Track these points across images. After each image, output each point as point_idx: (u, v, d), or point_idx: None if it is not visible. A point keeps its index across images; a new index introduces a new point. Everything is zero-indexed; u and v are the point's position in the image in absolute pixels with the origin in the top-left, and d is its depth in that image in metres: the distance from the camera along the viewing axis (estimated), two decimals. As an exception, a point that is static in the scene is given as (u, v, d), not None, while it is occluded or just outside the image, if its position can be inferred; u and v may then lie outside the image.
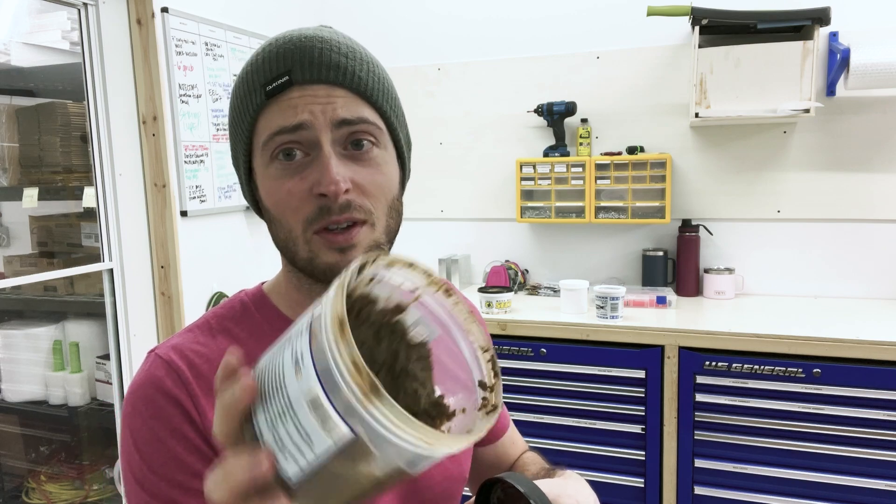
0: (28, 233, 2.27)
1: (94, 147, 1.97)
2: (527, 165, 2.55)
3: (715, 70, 2.23)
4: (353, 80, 0.66)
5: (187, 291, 2.10)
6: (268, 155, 0.66)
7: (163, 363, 0.67)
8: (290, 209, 0.65)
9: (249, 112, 0.66)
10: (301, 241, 0.66)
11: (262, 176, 0.67)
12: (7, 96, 2.13)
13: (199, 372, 0.66)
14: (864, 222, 2.34)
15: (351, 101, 0.65)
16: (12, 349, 2.19)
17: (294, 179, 0.64)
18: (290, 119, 0.64)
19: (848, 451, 1.86)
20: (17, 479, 2.25)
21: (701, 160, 2.48)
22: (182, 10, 2.09)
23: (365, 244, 0.66)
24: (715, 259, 2.50)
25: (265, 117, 0.65)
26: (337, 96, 0.65)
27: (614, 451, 2.09)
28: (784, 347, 1.89)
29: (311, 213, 0.64)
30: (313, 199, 0.64)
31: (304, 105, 0.64)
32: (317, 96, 0.64)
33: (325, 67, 0.65)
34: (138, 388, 0.67)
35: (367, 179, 0.66)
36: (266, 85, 0.65)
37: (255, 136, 0.67)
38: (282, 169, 0.65)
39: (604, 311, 2.11)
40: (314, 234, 0.65)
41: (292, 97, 0.64)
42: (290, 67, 0.64)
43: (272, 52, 0.66)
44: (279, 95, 0.64)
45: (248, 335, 0.70)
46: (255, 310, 0.73)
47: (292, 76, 0.64)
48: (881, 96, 2.26)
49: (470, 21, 2.71)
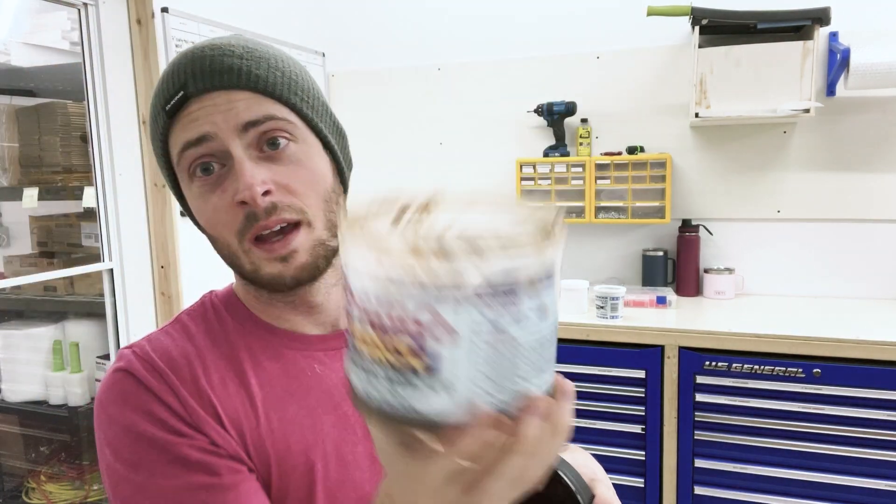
0: (28, 233, 2.27)
1: (94, 147, 1.97)
2: (527, 165, 2.55)
3: (715, 70, 2.23)
4: (249, 79, 0.63)
5: (187, 291, 2.10)
6: (185, 174, 0.64)
7: (137, 357, 0.64)
8: (221, 224, 0.63)
9: (158, 136, 0.65)
10: (241, 254, 0.64)
11: (189, 196, 0.66)
12: (7, 96, 2.14)
13: (176, 365, 0.63)
14: (864, 222, 2.34)
15: (253, 101, 0.63)
16: (12, 349, 2.19)
17: (216, 193, 0.62)
18: (191, 133, 0.62)
19: (848, 451, 1.86)
20: (17, 479, 2.25)
21: (701, 160, 2.48)
22: (182, 10, 2.09)
23: (307, 246, 0.64)
24: (715, 259, 2.50)
25: (172, 137, 0.64)
26: (237, 100, 0.62)
27: (614, 451, 2.09)
28: (784, 347, 1.89)
29: (240, 224, 0.62)
30: (238, 209, 0.62)
31: (204, 116, 0.62)
32: (216, 104, 0.62)
33: (219, 73, 0.62)
34: (116, 381, 0.63)
35: (291, 177, 0.63)
36: (165, 105, 0.63)
37: (170, 159, 0.65)
38: (202, 185, 0.63)
39: (604, 311, 2.11)
40: (251, 244, 0.63)
41: (191, 111, 0.62)
42: (184, 81, 0.62)
43: (167, 71, 0.65)
44: (179, 113, 0.63)
45: (224, 335, 0.68)
46: (227, 312, 0.70)
47: (186, 90, 0.62)
48: (881, 96, 2.26)
49: (470, 21, 2.71)
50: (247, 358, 0.67)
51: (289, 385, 0.67)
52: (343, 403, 0.68)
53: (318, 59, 2.86)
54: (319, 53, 2.86)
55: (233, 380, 0.65)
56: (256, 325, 0.69)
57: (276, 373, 0.67)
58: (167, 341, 0.66)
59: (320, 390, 0.68)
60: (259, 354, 0.67)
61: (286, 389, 0.66)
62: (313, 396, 0.67)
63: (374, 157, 2.89)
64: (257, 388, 0.65)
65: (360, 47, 2.87)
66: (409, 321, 0.33)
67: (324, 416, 0.67)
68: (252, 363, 0.66)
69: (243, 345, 0.68)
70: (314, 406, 0.67)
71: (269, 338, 0.69)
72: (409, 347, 0.34)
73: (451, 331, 0.32)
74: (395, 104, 2.84)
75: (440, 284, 0.32)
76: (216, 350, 0.66)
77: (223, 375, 0.64)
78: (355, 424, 0.68)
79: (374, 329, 0.35)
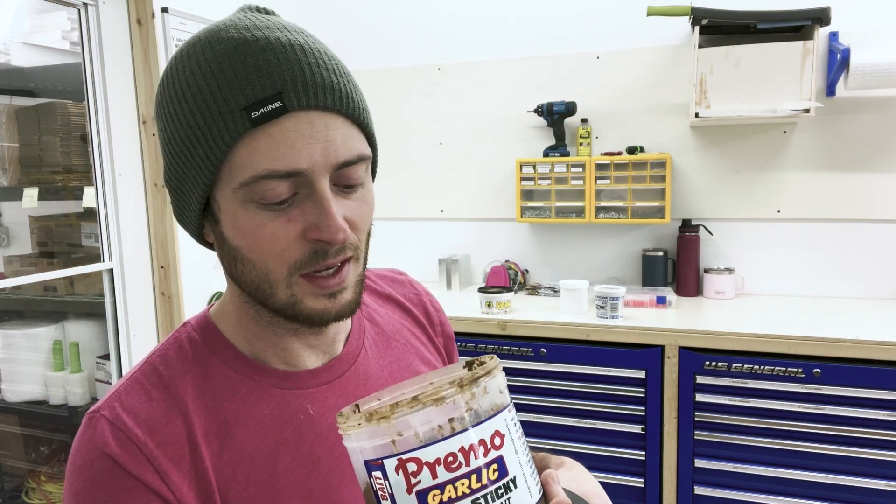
0: (28, 233, 2.26)
1: (94, 147, 1.97)
2: (527, 165, 2.55)
3: (715, 70, 2.23)
4: (349, 104, 0.56)
5: (187, 291, 2.10)
6: (249, 198, 0.55)
7: (110, 427, 0.56)
8: (274, 253, 0.56)
9: (223, 139, 0.53)
10: (282, 285, 0.57)
11: (235, 213, 0.56)
12: (7, 96, 2.13)
13: (154, 427, 0.57)
14: (864, 222, 2.34)
15: (348, 132, 0.56)
16: (12, 349, 2.19)
17: (279, 221, 0.55)
18: (282, 162, 0.53)
19: (848, 451, 1.86)
20: (17, 479, 2.25)
21: (701, 160, 2.48)
22: (182, 10, 2.09)
23: (353, 282, 0.60)
24: (715, 259, 2.50)
25: (247, 149, 0.53)
26: (335, 128, 0.55)
27: (614, 451, 2.09)
28: (784, 347, 1.89)
29: (302, 258, 0.56)
30: (305, 243, 0.56)
31: (303, 146, 0.53)
32: (315, 129, 0.53)
33: (321, 90, 0.54)
34: (87, 463, 0.55)
35: (358, 214, 0.59)
36: (251, 109, 0.52)
37: (225, 168, 0.54)
38: (262, 209, 0.55)
39: (604, 311, 2.11)
40: (301, 277, 0.57)
41: (285, 129, 0.53)
42: (281, 89, 0.52)
43: (249, 61, 0.53)
44: (267, 124, 0.52)
45: (205, 380, 0.62)
46: (208, 350, 0.64)
47: (285, 100, 0.52)
48: (881, 96, 2.26)
49: (470, 21, 2.71)
50: (233, 408, 0.61)
51: (281, 433, 0.62)
52: (338, 444, 0.64)
53: (318, 59, 2.86)
54: (319, 53, 2.86)
55: (217, 435, 0.60)
56: (243, 363, 0.64)
57: (266, 420, 0.62)
58: (141, 397, 0.59)
59: (315, 434, 0.64)
60: (247, 399, 0.62)
61: (278, 439, 0.62)
62: (308, 442, 0.63)
63: (374, 157, 2.89)
64: (245, 440, 0.60)
65: (360, 47, 2.87)
66: None
67: (320, 462, 0.63)
68: (239, 413, 0.61)
69: (229, 389, 0.62)
70: (309, 453, 0.63)
71: (258, 377, 0.63)
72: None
73: (501, 437, 0.44)
74: (395, 104, 2.84)
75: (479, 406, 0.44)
76: (198, 400, 0.60)
77: (207, 430, 0.59)
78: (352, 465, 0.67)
79: None
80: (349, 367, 0.69)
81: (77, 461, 0.56)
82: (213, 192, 0.57)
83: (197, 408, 0.60)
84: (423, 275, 2.82)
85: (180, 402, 0.59)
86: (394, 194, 2.90)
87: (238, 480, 0.59)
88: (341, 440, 0.65)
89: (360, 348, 0.72)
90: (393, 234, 2.92)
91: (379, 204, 3.12)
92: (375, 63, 2.86)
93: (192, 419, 0.59)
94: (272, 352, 0.65)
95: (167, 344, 0.64)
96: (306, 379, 0.66)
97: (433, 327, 0.84)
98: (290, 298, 0.58)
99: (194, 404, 0.60)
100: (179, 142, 0.56)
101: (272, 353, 0.65)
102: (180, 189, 0.59)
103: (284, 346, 0.65)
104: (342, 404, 0.66)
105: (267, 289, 0.58)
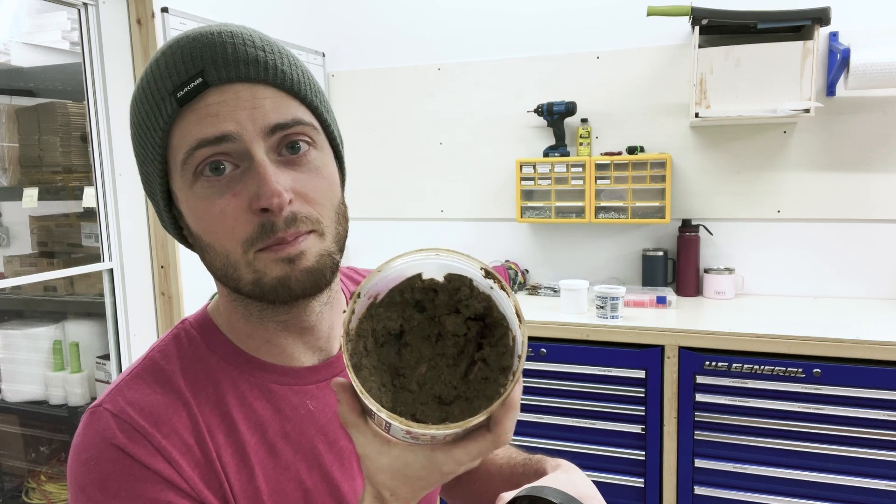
0: (28, 233, 2.26)
1: (94, 147, 1.97)
2: (527, 165, 2.55)
3: (715, 70, 2.23)
4: (276, 74, 0.57)
5: (187, 291, 2.10)
6: (190, 173, 0.56)
7: (115, 419, 0.56)
8: (226, 230, 0.56)
9: (160, 125, 0.56)
10: (242, 265, 0.57)
11: (187, 198, 0.58)
12: (7, 96, 2.13)
13: (159, 419, 0.57)
14: (864, 222, 2.34)
15: (280, 100, 0.57)
16: (12, 349, 2.19)
17: (226, 197, 0.56)
18: (210, 129, 0.55)
19: (848, 451, 1.86)
20: (17, 479, 2.25)
21: (701, 160, 2.48)
22: (182, 10, 2.09)
23: (315, 252, 0.59)
24: (715, 259, 2.50)
25: (180, 129, 0.56)
26: (263, 97, 0.56)
27: (614, 451, 2.09)
28: (784, 347, 1.89)
29: (251, 233, 0.56)
30: (252, 215, 0.56)
31: (226, 112, 0.55)
32: (240, 99, 0.55)
33: (244, 64, 0.56)
34: (95, 456, 0.55)
35: (309, 186, 0.58)
36: (176, 90, 0.55)
37: (170, 154, 0.57)
38: (209, 186, 0.56)
39: (604, 311, 2.11)
40: (257, 253, 0.57)
41: (210, 103, 0.55)
42: (203, 67, 0.55)
43: (172, 52, 0.56)
44: (193, 102, 0.55)
45: (205, 376, 0.62)
46: (207, 347, 0.64)
47: (206, 76, 0.55)
48: (881, 96, 2.26)
49: (470, 21, 2.71)
50: (234, 401, 0.61)
51: (282, 427, 0.62)
52: (339, 439, 0.65)
53: (318, 59, 2.86)
54: (319, 53, 2.86)
55: (221, 428, 0.60)
56: (242, 359, 0.64)
57: (267, 414, 0.62)
58: (144, 390, 0.59)
59: (315, 428, 0.64)
60: (248, 394, 0.62)
61: (280, 432, 0.62)
62: (308, 437, 0.64)
63: (373, 157, 2.89)
64: (248, 434, 0.61)
65: (360, 47, 2.87)
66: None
67: (321, 457, 0.64)
68: (241, 406, 0.61)
69: (230, 385, 0.62)
70: (310, 447, 0.63)
71: (258, 374, 0.63)
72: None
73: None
74: (395, 104, 2.84)
75: None
76: (200, 394, 0.60)
77: (210, 423, 0.59)
78: (352, 458, 0.66)
79: None
80: None
81: (82, 455, 0.55)
82: (170, 186, 0.60)
83: (199, 402, 0.60)
84: (423, 275, 2.82)
85: (182, 396, 0.59)
86: (394, 194, 2.90)
87: (241, 474, 0.59)
88: (341, 436, 0.66)
89: None
90: (393, 234, 2.92)
91: (379, 204, 3.11)
92: (375, 63, 2.86)
93: (195, 412, 0.59)
94: (265, 349, 0.65)
95: (166, 340, 0.64)
96: (305, 375, 0.66)
97: None
98: (255, 275, 0.58)
99: (196, 398, 0.60)
100: (136, 142, 0.60)
101: (265, 350, 0.65)
102: (149, 191, 0.62)
103: (277, 342, 0.65)
104: None
105: (233, 273, 0.59)
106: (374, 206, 2.93)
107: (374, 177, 2.90)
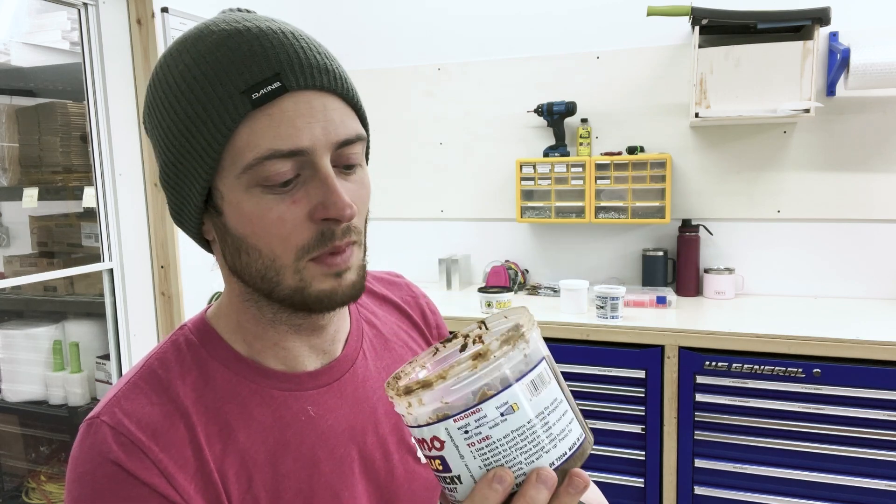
0: (28, 233, 2.26)
1: (94, 147, 1.97)
2: (527, 165, 2.55)
3: (715, 70, 2.23)
4: (343, 85, 0.57)
5: (187, 291, 2.10)
6: (253, 180, 0.55)
7: (112, 432, 0.55)
8: (280, 237, 0.56)
9: (225, 123, 0.53)
10: (289, 271, 0.57)
11: (238, 200, 0.56)
12: (7, 96, 2.13)
13: (156, 430, 0.56)
14: (864, 222, 2.34)
15: (345, 112, 0.57)
16: (12, 349, 2.19)
17: (285, 203, 0.55)
18: (286, 142, 0.53)
19: (848, 451, 1.86)
20: (17, 479, 2.25)
21: (701, 160, 2.48)
22: (182, 10, 2.09)
23: (356, 265, 0.60)
24: (715, 259, 2.50)
25: (249, 131, 0.53)
26: (333, 108, 0.56)
27: (614, 451, 2.09)
28: (784, 347, 1.89)
29: (309, 241, 0.56)
30: (311, 223, 0.56)
31: (304, 125, 0.54)
32: (313, 108, 0.54)
33: (318, 71, 0.55)
34: (90, 471, 0.54)
35: (357, 198, 0.59)
36: (251, 91, 0.53)
37: (228, 153, 0.55)
38: (266, 193, 0.55)
39: (604, 311, 2.11)
40: (309, 262, 0.57)
41: (285, 109, 0.53)
42: (279, 70, 0.53)
43: (244, 46, 0.54)
44: (267, 106, 0.53)
45: (204, 383, 0.61)
46: (206, 352, 0.63)
47: (284, 81, 0.53)
48: (881, 96, 2.26)
49: (470, 21, 2.71)
50: (234, 409, 0.61)
51: (282, 435, 0.62)
52: (339, 446, 0.65)
53: (318, 59, 2.86)
54: (319, 53, 2.86)
55: (219, 437, 0.59)
56: (242, 364, 0.63)
57: (267, 422, 0.62)
58: (141, 401, 0.58)
59: (315, 435, 0.64)
60: (248, 401, 0.62)
61: (279, 440, 0.62)
62: (308, 444, 0.63)
63: (373, 157, 2.89)
64: (248, 443, 0.60)
65: (360, 47, 2.87)
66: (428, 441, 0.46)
67: (321, 464, 0.63)
68: (241, 414, 0.61)
69: (229, 392, 0.61)
70: (310, 455, 0.63)
71: (259, 380, 0.63)
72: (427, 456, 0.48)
73: (441, 442, 0.45)
74: (395, 104, 2.84)
75: (417, 414, 0.46)
76: (199, 403, 0.60)
77: (208, 433, 0.59)
78: (353, 463, 0.66)
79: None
80: (348, 370, 0.69)
81: (78, 469, 0.55)
82: (214, 183, 0.57)
83: (197, 410, 0.59)
84: (423, 275, 2.82)
85: (181, 406, 0.59)
86: (394, 194, 2.90)
87: (240, 483, 0.59)
88: (341, 442, 0.65)
89: (358, 350, 0.72)
90: (393, 234, 2.92)
91: (379, 204, 3.11)
92: (375, 63, 2.86)
93: (193, 422, 0.58)
94: (271, 353, 0.65)
95: (164, 347, 0.63)
96: (306, 381, 0.65)
97: (429, 329, 0.85)
98: (299, 283, 0.58)
99: (195, 407, 0.59)
100: (178, 134, 0.56)
101: (271, 353, 0.65)
102: (179, 185, 0.58)
103: (285, 345, 0.65)
104: (342, 406, 0.67)
105: (273, 276, 0.58)
106: (374, 205, 2.91)
107: (375, 177, 2.89)
